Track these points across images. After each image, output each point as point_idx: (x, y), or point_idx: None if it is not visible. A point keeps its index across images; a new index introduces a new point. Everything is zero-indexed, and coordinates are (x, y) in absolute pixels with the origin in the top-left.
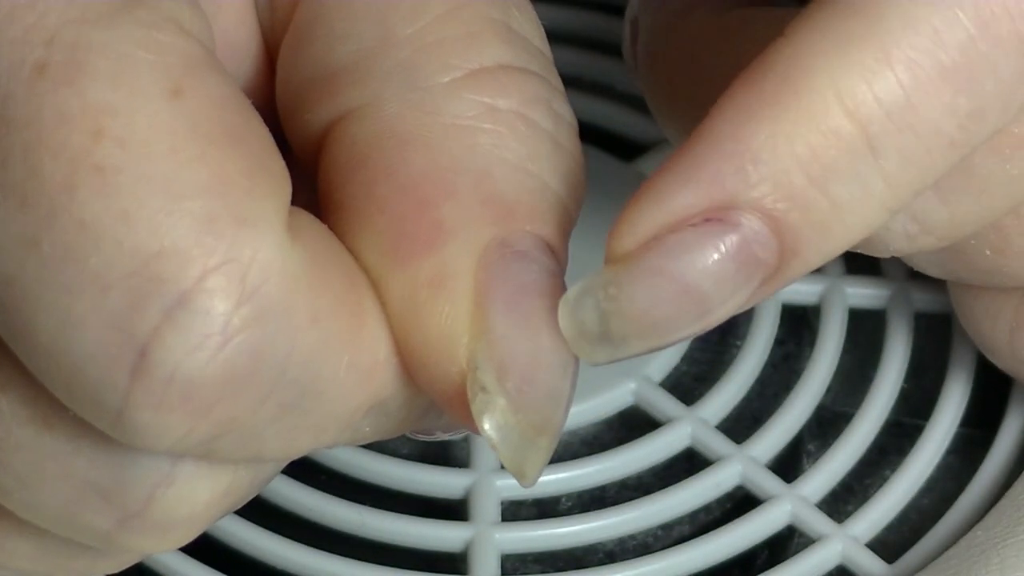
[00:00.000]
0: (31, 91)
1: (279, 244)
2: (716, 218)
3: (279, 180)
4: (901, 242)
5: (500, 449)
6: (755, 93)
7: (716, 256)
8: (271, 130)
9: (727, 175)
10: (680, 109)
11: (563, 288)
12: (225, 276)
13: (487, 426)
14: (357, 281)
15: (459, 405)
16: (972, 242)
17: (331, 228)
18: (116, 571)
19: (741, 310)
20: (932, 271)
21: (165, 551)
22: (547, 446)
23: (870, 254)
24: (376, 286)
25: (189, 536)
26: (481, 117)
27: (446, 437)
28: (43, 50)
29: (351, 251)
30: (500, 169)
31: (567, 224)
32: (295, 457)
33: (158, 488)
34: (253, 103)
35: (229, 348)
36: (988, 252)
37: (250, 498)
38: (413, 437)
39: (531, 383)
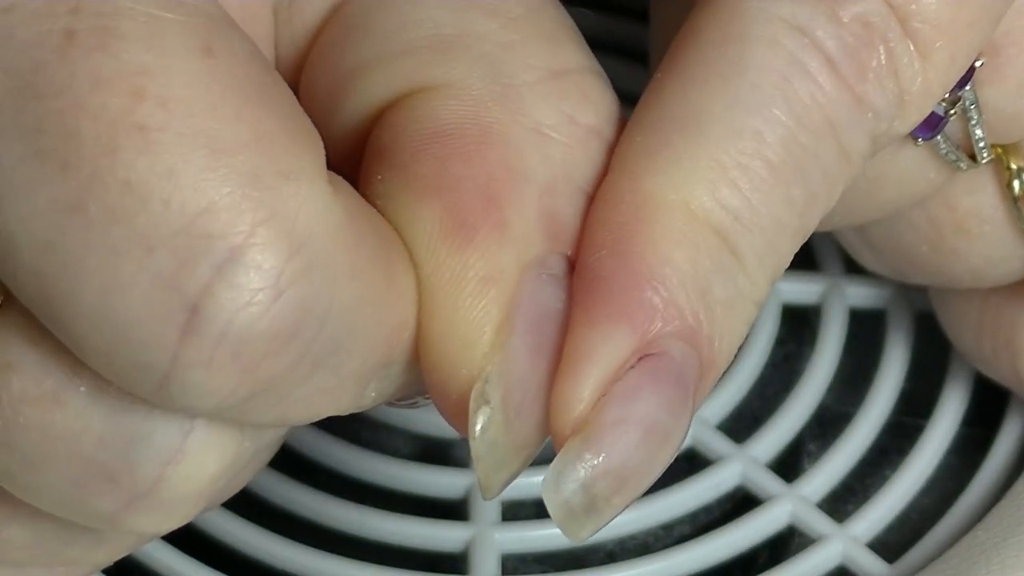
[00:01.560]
0: (62, 59)
1: (322, 197)
2: (648, 353)
3: (313, 136)
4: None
5: (481, 461)
6: (619, 224)
7: (665, 388)
8: None
9: (636, 311)
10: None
11: None
12: (274, 230)
13: (479, 438)
14: (389, 242)
15: (454, 402)
16: (909, 238)
17: (381, 187)
18: (110, 561)
19: (685, 437)
20: (888, 274)
21: (167, 530)
22: (519, 468)
23: None
24: (418, 255)
25: (194, 513)
26: (560, 128)
27: (425, 402)
28: (69, 18)
29: (400, 212)
30: (564, 187)
31: None
32: (313, 420)
33: (168, 465)
34: None
35: (280, 302)
36: (925, 249)
37: (245, 480)
38: (389, 406)
39: (530, 409)
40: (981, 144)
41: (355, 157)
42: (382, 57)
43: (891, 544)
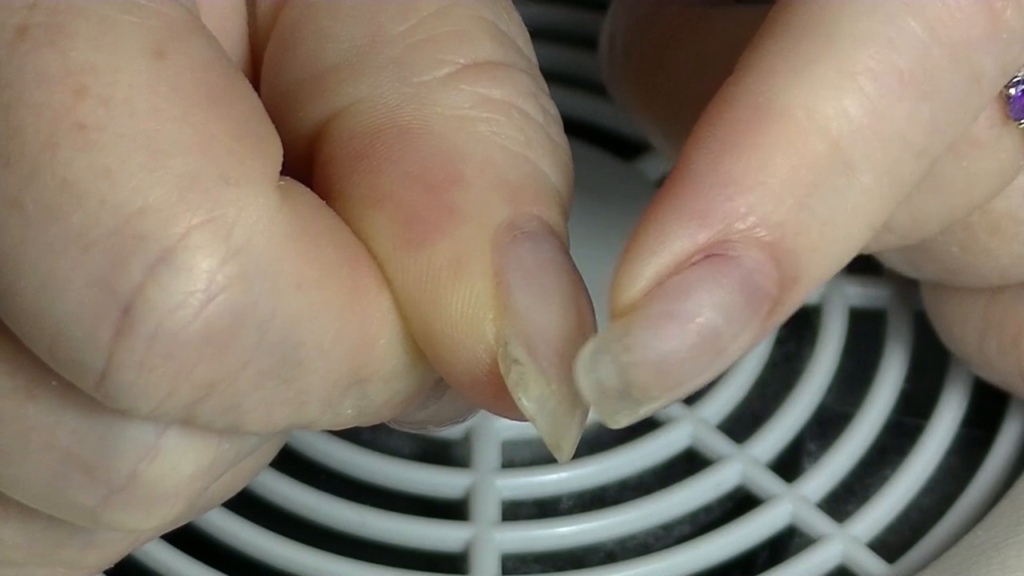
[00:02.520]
0: (13, 53)
1: (266, 205)
2: (715, 254)
3: (267, 142)
4: None
5: (539, 422)
6: (728, 123)
7: (723, 291)
8: None
9: (717, 210)
10: (650, 102)
11: (575, 266)
12: (209, 233)
13: (524, 400)
14: (353, 257)
15: (488, 384)
16: (940, 238)
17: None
18: (104, 564)
19: (750, 348)
20: (902, 268)
21: (151, 528)
22: (581, 419)
23: None
24: (388, 270)
25: (174, 513)
26: (477, 107)
27: (435, 432)
28: (25, 13)
29: (359, 237)
30: (501, 155)
31: (564, 211)
32: (277, 430)
33: (142, 462)
34: None
35: (212, 306)
36: (955, 249)
37: (240, 484)
38: (400, 429)
39: (562, 355)
40: None
41: (306, 181)
42: (306, 84)
43: (891, 544)
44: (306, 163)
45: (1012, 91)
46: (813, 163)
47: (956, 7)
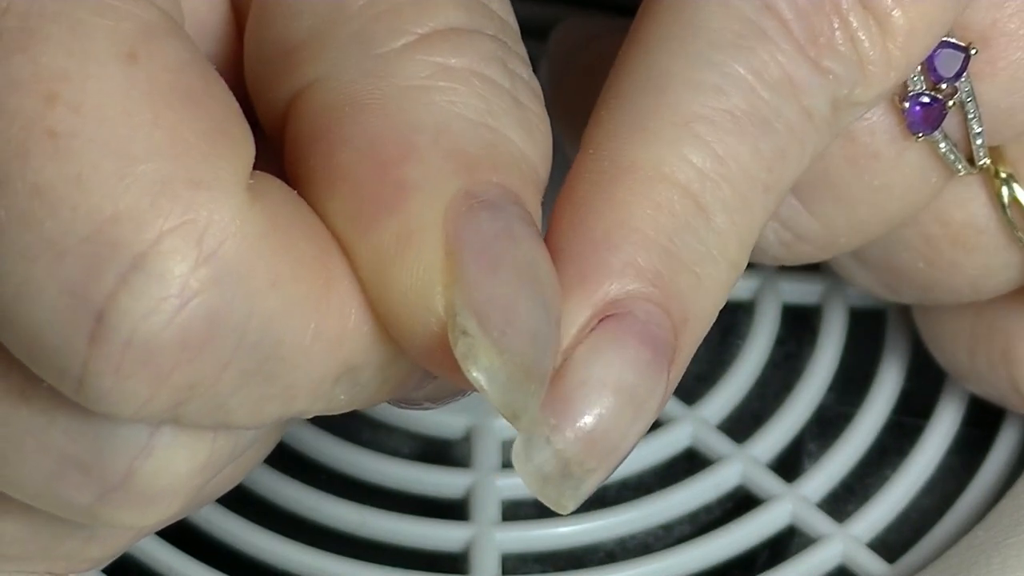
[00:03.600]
0: None
1: (237, 206)
2: (608, 315)
3: (239, 143)
4: (778, 249)
5: (489, 392)
6: (583, 190)
7: (626, 348)
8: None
9: (595, 272)
10: (576, 131)
11: (538, 234)
12: (181, 238)
13: (474, 371)
14: (325, 247)
15: (441, 355)
16: (905, 256)
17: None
18: (106, 556)
19: (664, 404)
20: (881, 292)
21: (149, 524)
22: (536, 391)
23: (756, 262)
24: (346, 252)
25: (172, 509)
26: (435, 76)
27: (432, 407)
28: None
29: (323, 222)
30: (458, 124)
31: (535, 178)
32: (268, 424)
33: (136, 460)
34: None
35: (186, 311)
36: (921, 265)
37: (239, 475)
38: (398, 407)
39: (512, 324)
40: (979, 142)
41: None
42: (272, 62)
43: (891, 544)
44: (281, 140)
45: (906, 105)
46: (669, 210)
47: (778, 53)
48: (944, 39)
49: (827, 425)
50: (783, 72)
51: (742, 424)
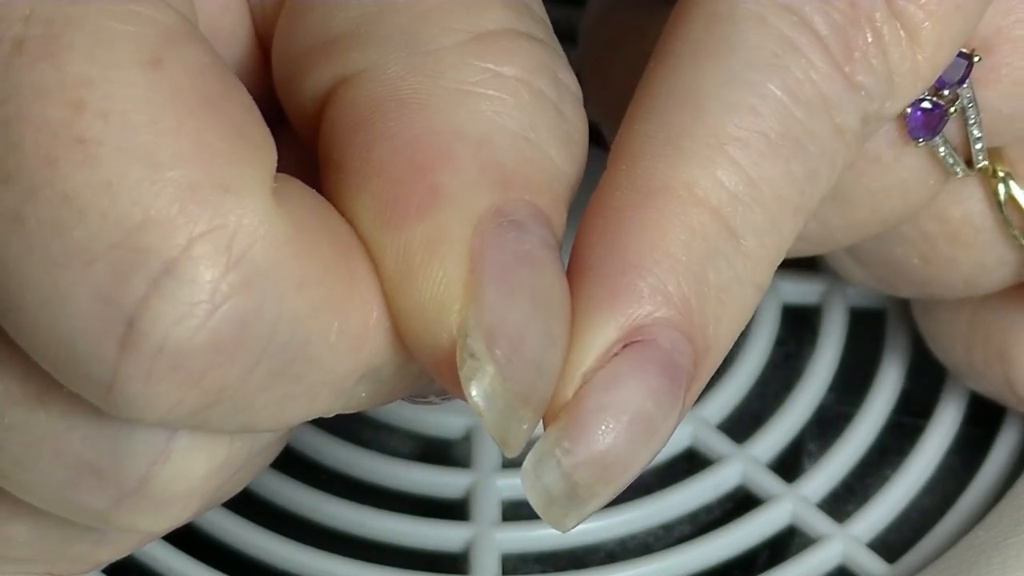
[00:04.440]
0: (9, 67)
1: (264, 210)
2: (633, 341)
3: (262, 147)
4: None
5: (485, 416)
6: (614, 208)
7: (648, 376)
8: (261, 111)
9: (624, 298)
10: (600, 99)
11: (559, 260)
12: (211, 243)
13: (474, 392)
14: (348, 247)
15: (447, 371)
16: (899, 251)
17: (330, 191)
18: (114, 558)
19: (675, 427)
20: (876, 287)
21: (163, 528)
22: (531, 417)
23: None
24: (370, 250)
25: (186, 513)
26: (484, 83)
27: (439, 401)
28: (21, 26)
29: (347, 214)
30: (501, 137)
31: (566, 195)
32: (290, 426)
33: (154, 465)
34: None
35: (217, 315)
36: (916, 261)
37: (247, 478)
38: (409, 402)
39: (519, 353)
40: (979, 146)
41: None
42: (312, 49)
43: (891, 544)
44: (315, 130)
45: (907, 110)
46: (701, 234)
47: (812, 70)
48: None
49: (827, 425)
50: (817, 90)
51: (742, 424)
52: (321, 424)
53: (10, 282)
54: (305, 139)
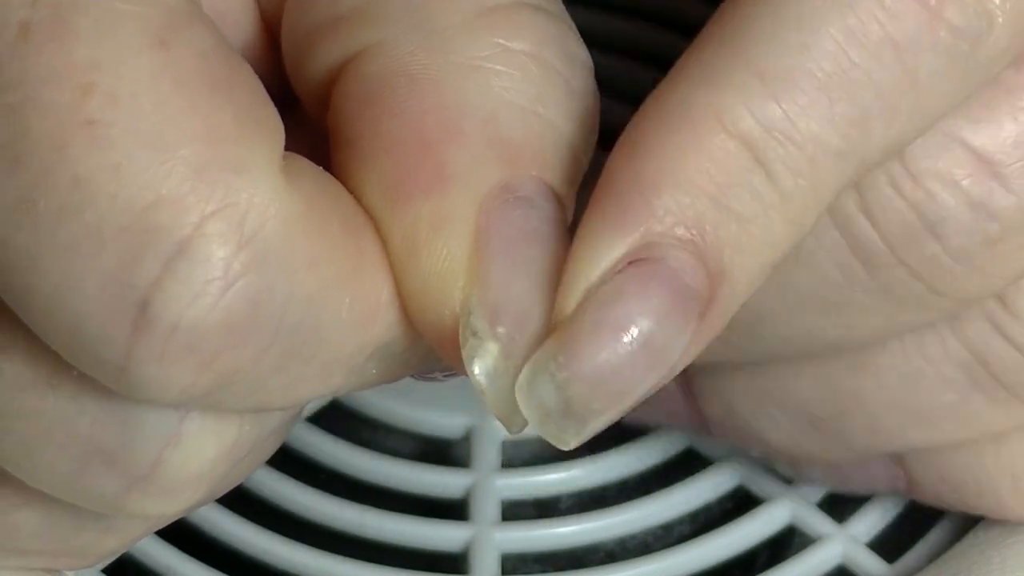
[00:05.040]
0: (15, 52)
1: (274, 188)
2: (639, 258)
3: (270, 127)
4: None
5: (487, 394)
6: (643, 130)
7: (651, 294)
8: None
9: (636, 214)
10: None
11: (567, 236)
12: (223, 221)
13: (477, 370)
14: (357, 224)
15: (450, 347)
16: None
17: (339, 168)
18: (120, 549)
19: (695, 352)
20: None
21: (173, 513)
22: None
23: None
24: (378, 227)
25: (195, 497)
26: (494, 58)
27: (443, 378)
28: (27, 11)
29: (355, 189)
30: (509, 112)
31: (576, 170)
32: (303, 404)
33: (165, 449)
34: None
35: (231, 294)
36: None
37: (257, 462)
38: (415, 379)
39: (522, 331)
40: None
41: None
42: (322, 25)
43: (891, 544)
44: (324, 109)
45: None
46: (724, 162)
47: (881, 10)
48: None
49: None
50: (884, 32)
51: None
52: (321, 424)
53: (21, 266)
54: (314, 117)
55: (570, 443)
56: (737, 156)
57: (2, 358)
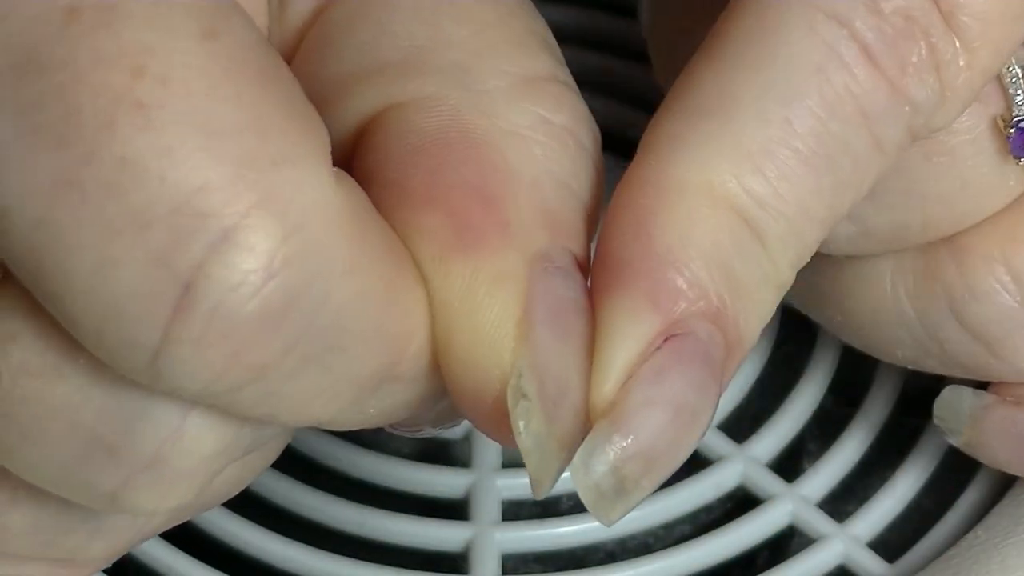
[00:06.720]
0: (64, 35)
1: (321, 185)
2: (674, 333)
3: (316, 124)
4: (844, 244)
5: (531, 457)
6: (643, 206)
7: (687, 367)
8: None
9: (663, 292)
10: (669, 68)
11: (591, 309)
12: (268, 212)
13: (524, 434)
14: (397, 249)
15: (491, 408)
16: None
17: (381, 206)
18: (108, 556)
19: (713, 416)
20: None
21: (166, 509)
22: (566, 460)
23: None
24: (425, 270)
25: (189, 494)
26: (536, 128)
27: (430, 434)
28: None
29: (400, 229)
30: (549, 182)
31: (590, 242)
32: (301, 426)
33: (166, 443)
34: None
35: (271, 285)
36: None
37: (247, 478)
38: (397, 433)
39: (564, 397)
40: None
41: (344, 166)
42: (359, 74)
43: (891, 544)
44: (345, 153)
45: (1011, 131)
46: (729, 232)
47: (855, 84)
48: None
49: (827, 425)
50: (857, 105)
51: (742, 424)
52: None
53: (58, 246)
54: (336, 155)
55: (616, 519)
56: (738, 226)
57: (9, 342)
